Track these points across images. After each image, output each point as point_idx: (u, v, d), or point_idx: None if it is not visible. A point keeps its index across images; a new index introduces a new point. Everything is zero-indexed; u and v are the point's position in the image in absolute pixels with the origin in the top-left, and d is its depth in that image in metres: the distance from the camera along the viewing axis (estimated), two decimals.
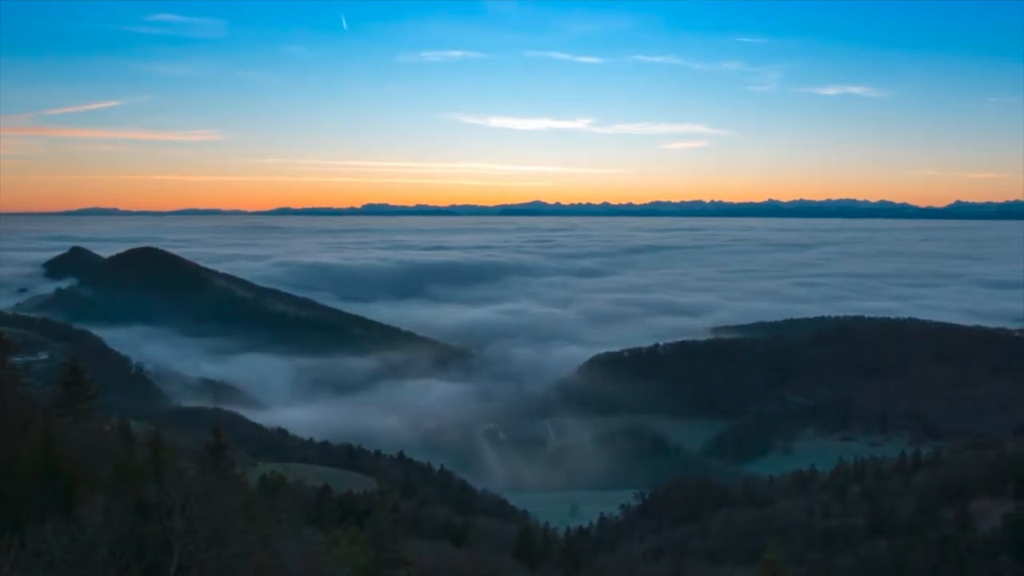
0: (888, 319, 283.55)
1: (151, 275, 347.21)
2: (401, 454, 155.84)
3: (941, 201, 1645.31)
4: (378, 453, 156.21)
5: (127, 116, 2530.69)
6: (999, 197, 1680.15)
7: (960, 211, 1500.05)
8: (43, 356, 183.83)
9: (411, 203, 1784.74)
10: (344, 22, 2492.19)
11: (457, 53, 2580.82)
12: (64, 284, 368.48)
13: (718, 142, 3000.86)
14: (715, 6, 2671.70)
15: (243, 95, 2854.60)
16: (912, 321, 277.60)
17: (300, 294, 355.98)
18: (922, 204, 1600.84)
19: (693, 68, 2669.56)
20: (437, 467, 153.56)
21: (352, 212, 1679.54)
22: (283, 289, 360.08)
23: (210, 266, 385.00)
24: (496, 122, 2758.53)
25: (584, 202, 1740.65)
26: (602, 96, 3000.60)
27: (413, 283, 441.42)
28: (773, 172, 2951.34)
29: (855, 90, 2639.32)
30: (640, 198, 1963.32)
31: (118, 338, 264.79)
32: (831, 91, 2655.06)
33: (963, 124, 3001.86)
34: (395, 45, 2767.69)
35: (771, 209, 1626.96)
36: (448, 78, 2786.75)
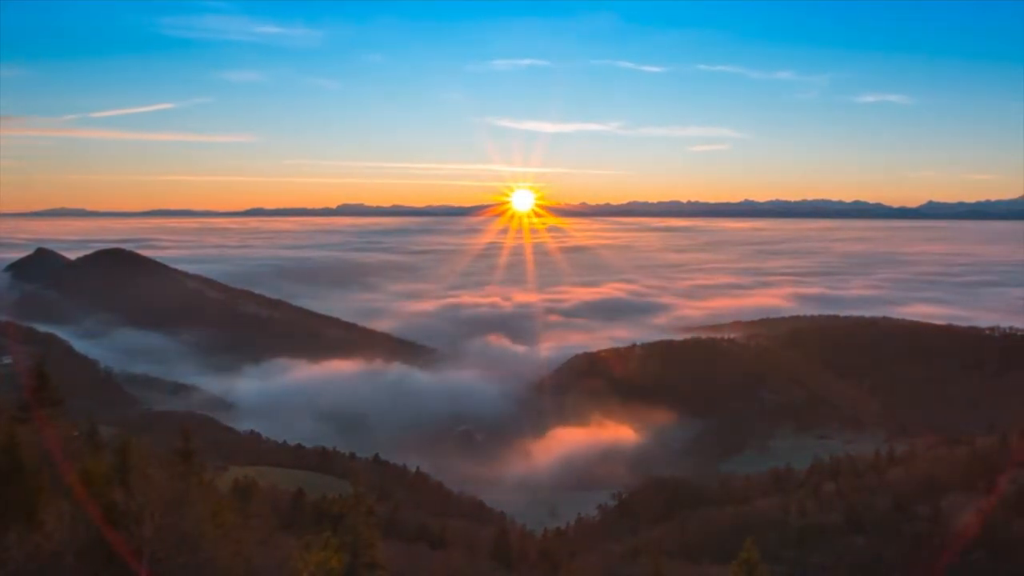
0: (862, 318, 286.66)
1: (120, 277, 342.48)
2: (376, 456, 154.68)
3: (914, 201, 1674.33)
4: (352, 456, 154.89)
5: (169, 120, 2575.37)
6: (970, 197, 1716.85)
7: (933, 211, 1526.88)
8: (7, 360, 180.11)
9: (387, 204, 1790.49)
10: None
11: (526, 61, 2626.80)
12: (29, 286, 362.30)
13: (740, 145, 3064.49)
14: (780, 18, 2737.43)
15: (298, 101, 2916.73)
16: (886, 320, 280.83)
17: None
18: (895, 204, 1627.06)
19: (749, 76, 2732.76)
20: (413, 469, 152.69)
21: (326, 212, 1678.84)
22: (256, 291, 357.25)
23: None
24: (529, 125, 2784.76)
25: (562, 203, 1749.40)
26: (645, 101, 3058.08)
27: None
28: (783, 172, 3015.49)
29: (893, 98, 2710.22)
30: (618, 199, 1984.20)
31: (86, 341, 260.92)
32: (870, 99, 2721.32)
33: (937, 126, 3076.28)
34: (470, 54, 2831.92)
35: (747, 210, 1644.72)
36: (506, 84, 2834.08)
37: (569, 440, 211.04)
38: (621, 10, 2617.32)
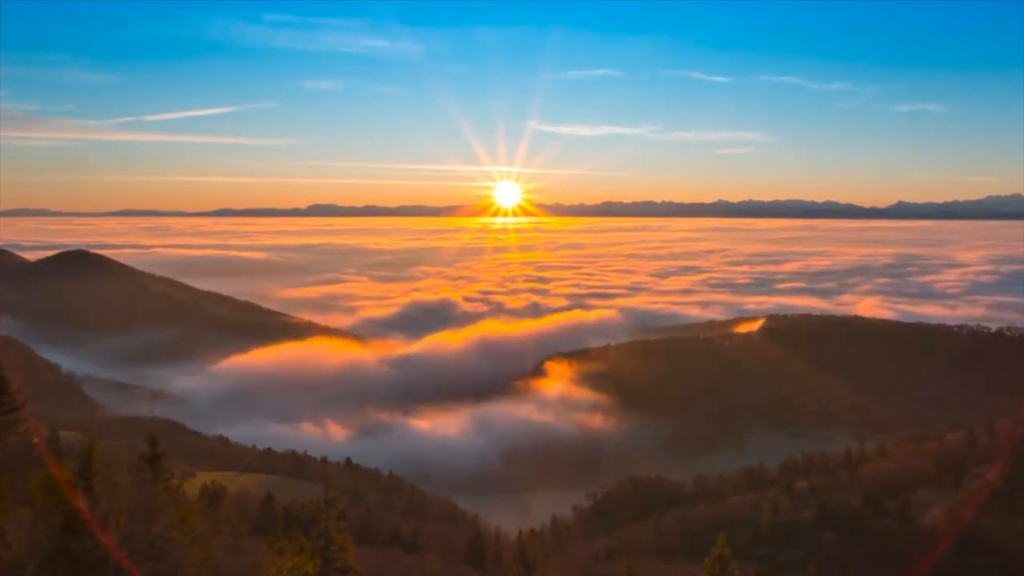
0: (833, 317, 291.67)
1: (82, 279, 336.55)
2: (348, 460, 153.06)
3: (885, 201, 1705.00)
4: (324, 459, 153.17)
5: (217, 124, 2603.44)
6: (940, 198, 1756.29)
7: (902, 211, 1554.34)
8: None
9: (359, 204, 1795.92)
10: None
11: (599, 71, 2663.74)
12: None
13: (763, 149, 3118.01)
14: (840, 34, 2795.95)
15: (353, 107, 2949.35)
16: (856, 319, 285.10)
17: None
18: (866, 204, 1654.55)
19: (807, 87, 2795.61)
20: (386, 472, 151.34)
21: (296, 212, 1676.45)
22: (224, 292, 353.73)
23: None
24: (564, 129, 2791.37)
25: (537, 203, 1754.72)
26: (690, 106, 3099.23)
27: None
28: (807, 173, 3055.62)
29: (931, 107, 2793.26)
30: (594, 199, 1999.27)
31: (47, 345, 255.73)
32: (905, 108, 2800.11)
33: (911, 128, 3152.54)
34: (548, 64, 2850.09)
35: (720, 209, 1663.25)
36: (567, 92, 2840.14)
37: (544, 439, 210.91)
38: (707, 29, 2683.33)
